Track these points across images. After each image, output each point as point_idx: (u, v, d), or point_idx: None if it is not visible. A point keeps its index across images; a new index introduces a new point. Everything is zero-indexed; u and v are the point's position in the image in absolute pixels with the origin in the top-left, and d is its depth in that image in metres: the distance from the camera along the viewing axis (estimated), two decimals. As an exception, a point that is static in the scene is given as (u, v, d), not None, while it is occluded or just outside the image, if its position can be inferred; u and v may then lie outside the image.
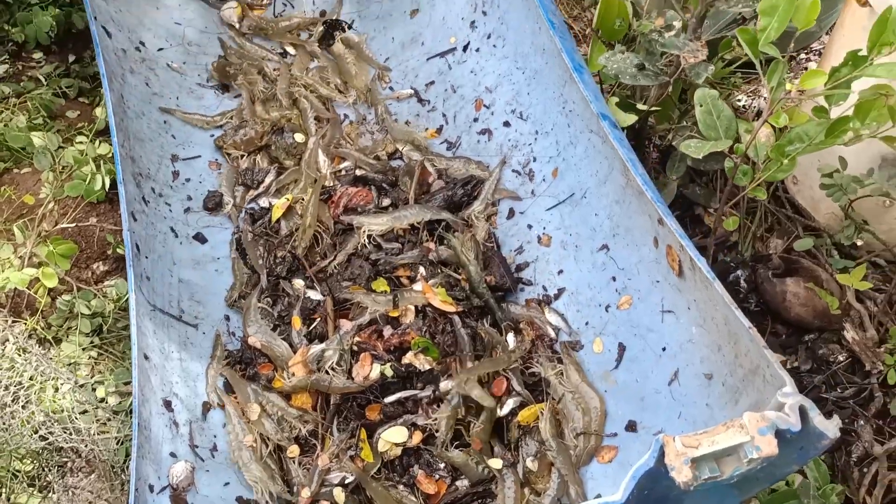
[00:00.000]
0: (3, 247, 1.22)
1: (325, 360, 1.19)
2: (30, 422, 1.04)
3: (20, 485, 1.04)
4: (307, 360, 1.19)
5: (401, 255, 1.30)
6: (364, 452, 1.15)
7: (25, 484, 1.05)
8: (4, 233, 1.27)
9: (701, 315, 1.00)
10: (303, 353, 1.19)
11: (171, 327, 1.17)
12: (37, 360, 1.06)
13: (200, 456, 1.08)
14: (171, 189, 1.35)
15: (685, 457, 0.76)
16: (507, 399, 1.17)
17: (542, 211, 1.31)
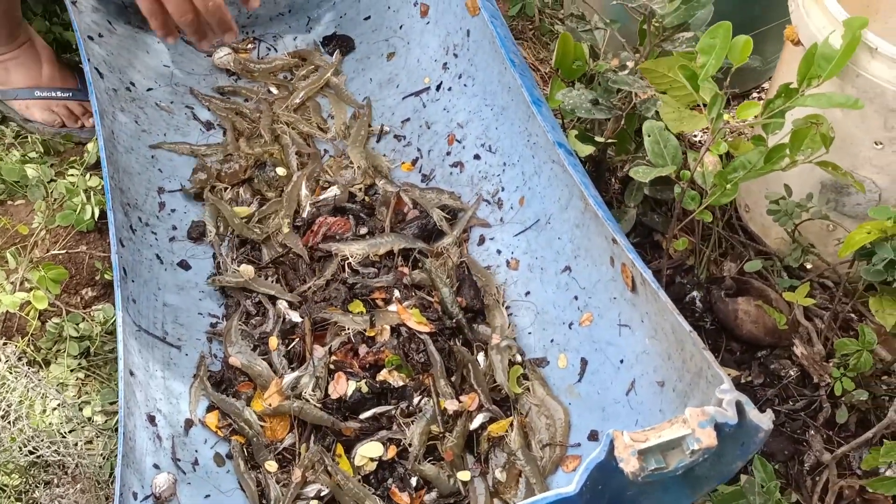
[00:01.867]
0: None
1: (300, 386, 1.24)
2: (18, 437, 1.09)
3: (7, 499, 1.08)
4: (282, 389, 1.24)
5: (376, 278, 1.37)
6: (341, 466, 1.20)
7: (13, 499, 1.09)
8: (-2, 261, 1.33)
9: (652, 327, 1.07)
10: (277, 384, 1.25)
11: (155, 347, 1.23)
12: (27, 378, 1.11)
13: (182, 469, 1.13)
14: (157, 219, 1.42)
15: (632, 449, 0.82)
16: (477, 414, 1.23)
17: (511, 237, 1.39)
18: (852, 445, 1.14)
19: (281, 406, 1.22)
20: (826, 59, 1.08)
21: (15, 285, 1.27)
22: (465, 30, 1.52)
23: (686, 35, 1.22)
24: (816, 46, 1.06)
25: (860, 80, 1.13)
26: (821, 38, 1.13)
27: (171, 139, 1.58)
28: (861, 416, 1.25)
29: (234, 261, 1.41)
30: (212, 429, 1.21)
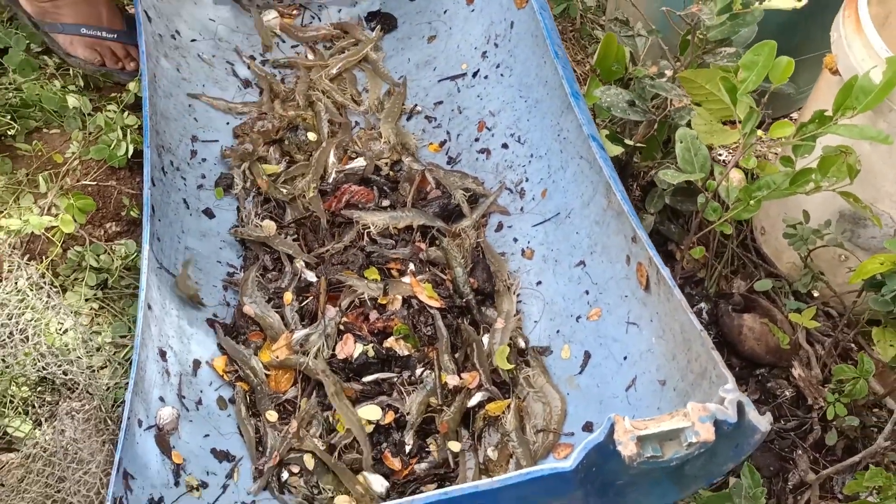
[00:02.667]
0: (26, 196, 1.31)
1: (309, 343, 1.27)
2: (32, 353, 1.11)
3: (15, 411, 1.11)
4: (291, 344, 1.27)
5: (393, 250, 1.40)
6: (339, 426, 1.23)
7: (20, 410, 1.11)
8: (28, 184, 1.35)
9: (661, 326, 1.10)
10: (287, 338, 1.27)
11: (173, 286, 1.25)
12: (47, 297, 1.13)
13: (186, 406, 1.16)
14: (187, 165, 1.44)
15: (632, 434, 0.85)
16: (476, 392, 1.26)
17: (529, 227, 1.41)
18: (838, 468, 1.17)
19: (288, 360, 1.24)
20: (864, 91, 1.10)
21: (43, 209, 1.30)
22: (509, 21, 1.54)
23: (728, 50, 1.24)
24: (856, 78, 1.09)
25: (892, 116, 1.16)
26: (860, 70, 1.16)
27: (210, 92, 1.60)
28: (849, 442, 1.27)
29: (257, 216, 1.44)
30: (218, 372, 1.24)
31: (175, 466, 1.08)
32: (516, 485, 0.85)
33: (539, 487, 0.87)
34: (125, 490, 0.95)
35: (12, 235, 1.26)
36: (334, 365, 1.25)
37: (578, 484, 0.90)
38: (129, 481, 0.97)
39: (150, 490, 1.01)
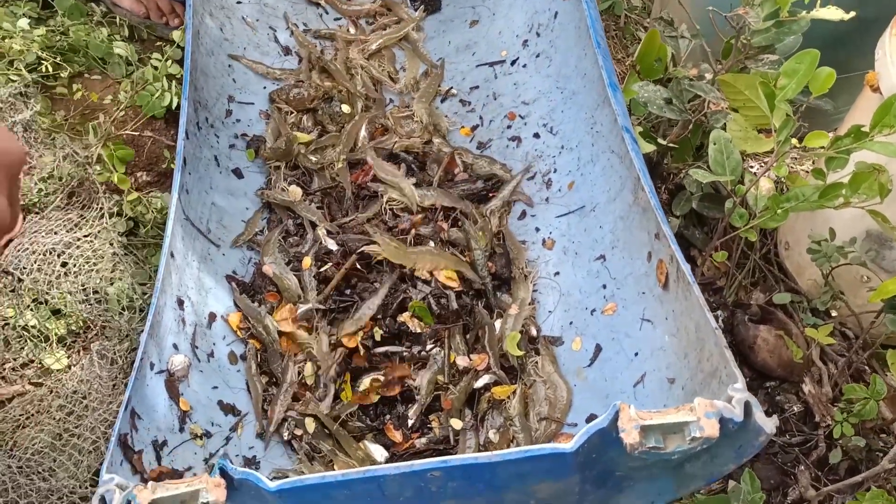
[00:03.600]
0: (62, 138, 1.33)
1: (312, 320, 1.28)
2: (76, 291, 1.14)
3: (31, 339, 1.14)
4: (296, 317, 1.28)
5: (415, 227, 1.41)
6: (344, 394, 1.24)
7: (56, 344, 1.14)
8: (68, 128, 1.37)
9: (675, 325, 1.09)
10: (291, 311, 1.28)
11: (196, 240, 1.27)
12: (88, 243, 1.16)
13: (198, 357, 1.17)
14: (222, 124, 1.46)
15: (636, 423, 0.85)
16: (483, 374, 1.27)
17: (553, 217, 1.41)
18: (840, 486, 1.16)
19: (294, 334, 1.26)
20: (903, 110, 1.09)
21: (90, 158, 1.32)
22: (553, 11, 1.54)
23: (771, 57, 1.24)
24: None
25: (930, 138, 1.15)
26: (902, 88, 1.15)
27: (250, 55, 1.62)
28: (852, 463, 1.26)
29: (284, 179, 1.45)
30: (232, 327, 1.25)
31: (181, 413, 1.10)
32: (515, 461, 0.86)
33: (537, 467, 0.87)
34: (131, 428, 0.97)
35: (49, 176, 1.29)
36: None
37: (577, 468, 0.90)
38: (135, 420, 0.98)
39: (155, 432, 1.03)
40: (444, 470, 0.86)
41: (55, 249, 1.24)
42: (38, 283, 1.26)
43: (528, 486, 0.92)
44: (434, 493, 0.89)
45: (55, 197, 1.33)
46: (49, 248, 1.29)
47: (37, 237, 1.31)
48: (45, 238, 1.30)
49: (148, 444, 1.00)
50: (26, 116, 1.29)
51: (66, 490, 1.06)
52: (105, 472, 0.86)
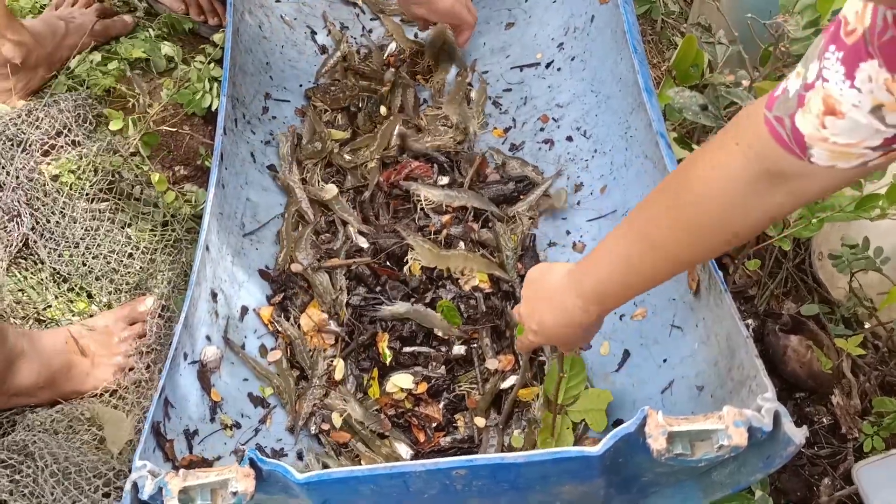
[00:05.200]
0: (103, 130, 1.37)
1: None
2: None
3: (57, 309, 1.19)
4: (324, 328, 1.29)
5: (445, 228, 1.42)
6: (371, 390, 1.25)
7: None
8: (103, 119, 1.41)
9: (706, 332, 1.09)
10: (322, 323, 1.29)
11: (231, 234, 1.29)
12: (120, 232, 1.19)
13: (230, 348, 1.19)
14: (258, 120, 1.48)
15: (664, 429, 0.85)
16: (510, 375, 1.27)
17: (584, 221, 1.41)
18: (850, 491, 1.14)
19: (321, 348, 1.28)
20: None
21: (126, 148, 1.36)
22: (589, 15, 1.54)
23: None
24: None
25: (972, 150, 1.13)
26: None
27: (287, 54, 1.64)
28: (883, 478, 1.25)
29: (318, 176, 1.47)
30: (264, 321, 1.27)
31: (212, 403, 1.12)
32: (541, 462, 0.86)
33: (563, 469, 0.88)
34: (164, 416, 0.99)
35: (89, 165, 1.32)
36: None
37: (603, 472, 0.90)
38: (168, 409, 1.00)
39: (186, 421, 1.05)
40: (469, 468, 0.87)
41: (87, 239, 1.27)
42: (71, 275, 1.30)
43: (553, 488, 0.93)
44: (459, 491, 0.90)
45: (93, 188, 1.36)
46: (81, 238, 1.32)
47: (73, 227, 1.34)
48: (80, 229, 1.33)
49: (180, 433, 1.02)
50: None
51: (107, 468, 1.09)
52: (138, 459, 0.88)
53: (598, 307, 0.95)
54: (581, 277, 0.94)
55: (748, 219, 0.80)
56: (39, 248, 1.32)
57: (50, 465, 1.06)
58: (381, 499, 0.91)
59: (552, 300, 0.97)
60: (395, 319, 1.28)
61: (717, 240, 0.84)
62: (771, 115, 0.73)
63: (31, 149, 1.34)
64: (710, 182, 0.80)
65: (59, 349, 1.19)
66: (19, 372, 1.14)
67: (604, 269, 0.92)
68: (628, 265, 0.89)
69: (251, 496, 0.85)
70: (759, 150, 0.75)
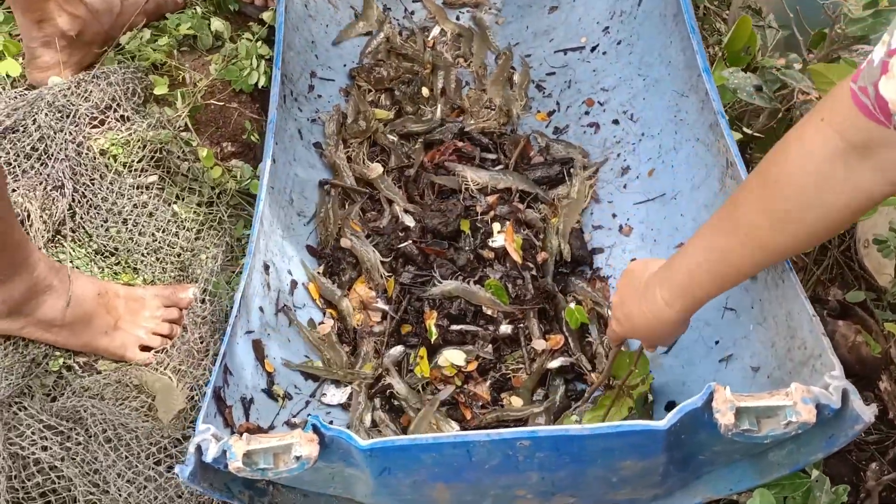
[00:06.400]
0: (152, 106, 1.37)
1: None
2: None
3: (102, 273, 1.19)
4: (370, 305, 1.30)
5: (492, 209, 1.41)
6: (419, 368, 1.25)
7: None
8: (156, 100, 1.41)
9: (762, 314, 1.08)
10: (368, 294, 1.30)
11: (280, 208, 1.29)
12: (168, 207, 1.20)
13: (281, 322, 1.20)
14: (305, 98, 1.49)
15: (731, 404, 0.85)
16: (558, 356, 1.27)
17: (630, 204, 1.41)
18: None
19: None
20: None
21: (174, 123, 1.36)
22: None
23: (866, 48, 1.22)
24: None
25: None
26: None
27: (332, 33, 1.64)
28: (932, 465, 1.24)
29: (364, 155, 1.47)
30: (313, 296, 1.28)
31: (267, 374, 1.12)
32: (605, 435, 0.86)
33: (627, 443, 0.87)
34: (224, 383, 0.99)
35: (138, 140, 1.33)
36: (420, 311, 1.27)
37: (665, 448, 0.90)
38: (227, 376, 1.01)
39: (243, 389, 1.05)
40: (533, 440, 0.87)
41: (134, 215, 1.28)
42: (118, 250, 1.31)
43: (614, 463, 0.92)
44: (520, 462, 0.90)
45: (141, 163, 1.36)
46: (129, 213, 1.33)
47: (121, 202, 1.34)
48: (128, 204, 1.34)
49: (237, 400, 1.03)
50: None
51: (160, 436, 1.09)
52: (201, 422, 0.88)
53: (684, 301, 0.93)
54: (670, 270, 0.94)
55: (840, 200, 0.78)
56: (86, 223, 1.32)
57: (105, 430, 1.07)
58: (441, 468, 0.91)
59: (640, 292, 0.97)
60: (444, 298, 1.28)
61: (811, 225, 0.81)
62: (856, 87, 0.73)
63: (79, 121, 1.34)
64: (798, 162, 0.79)
65: (88, 296, 1.19)
66: (44, 304, 1.15)
67: (694, 261, 0.91)
68: (721, 256, 0.88)
69: (314, 461, 0.85)
70: (844, 123, 0.74)
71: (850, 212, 0.80)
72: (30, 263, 1.12)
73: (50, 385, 1.21)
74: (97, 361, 1.24)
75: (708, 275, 0.90)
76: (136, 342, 1.23)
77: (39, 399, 1.17)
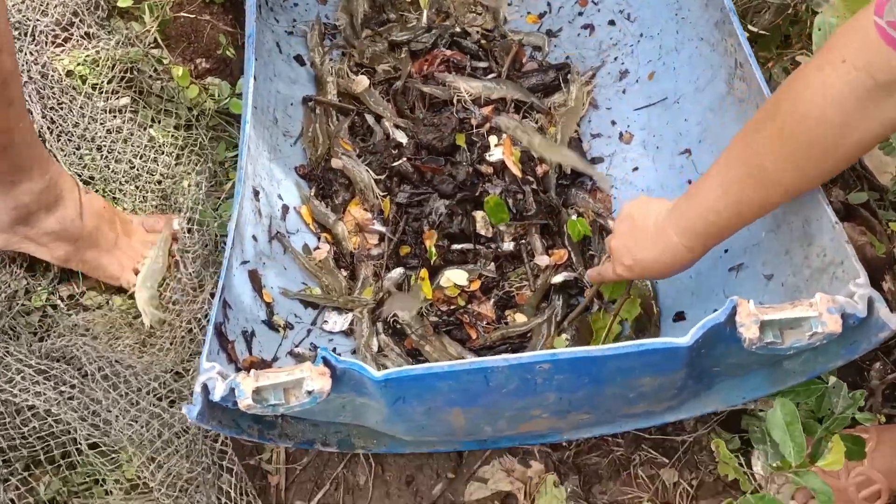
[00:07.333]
0: (117, 21, 1.26)
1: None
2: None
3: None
4: (366, 227, 1.24)
5: (487, 121, 1.35)
6: (421, 290, 1.22)
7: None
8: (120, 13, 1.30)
9: (775, 221, 1.05)
10: (363, 216, 1.24)
11: (265, 129, 1.22)
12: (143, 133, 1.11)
13: (274, 249, 1.14)
14: (280, 7, 1.38)
15: (756, 318, 0.82)
16: (562, 271, 1.24)
17: (630, 110, 1.35)
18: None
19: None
20: None
21: (142, 40, 1.25)
22: None
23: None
24: None
25: None
26: None
27: (303, -68, 1.52)
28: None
29: (347, 68, 1.38)
30: (306, 220, 1.22)
31: (266, 305, 1.08)
32: (627, 355, 0.84)
33: (649, 361, 0.85)
34: (224, 318, 0.95)
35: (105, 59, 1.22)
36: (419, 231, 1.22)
37: (686, 364, 0.88)
38: (227, 310, 0.96)
39: (243, 323, 1.01)
40: (553, 363, 0.84)
41: (109, 141, 1.19)
42: (94, 179, 1.23)
43: (633, 380, 0.91)
44: (539, 384, 0.88)
45: (111, 84, 1.27)
46: (103, 139, 1.24)
47: (93, 128, 1.25)
48: (101, 129, 1.25)
49: (238, 335, 0.99)
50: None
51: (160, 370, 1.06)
52: (206, 360, 0.84)
53: (705, 243, 0.92)
54: (684, 213, 0.92)
55: (860, 137, 0.77)
56: (57, 151, 1.24)
57: (101, 368, 1.02)
58: (457, 395, 0.89)
59: (652, 238, 0.95)
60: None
61: (829, 163, 0.81)
62: (883, 21, 0.69)
63: (39, 39, 1.23)
64: (818, 104, 0.76)
65: (95, 210, 1.12)
66: (54, 214, 1.06)
67: (708, 202, 0.89)
68: (738, 196, 0.86)
69: (327, 395, 0.82)
70: (869, 60, 0.71)
71: (874, 142, 0.79)
72: (42, 165, 1.02)
73: (35, 324, 1.15)
74: (83, 296, 1.19)
75: (726, 217, 0.89)
76: (131, 264, 1.17)
77: (26, 340, 1.12)
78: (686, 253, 0.94)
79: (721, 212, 0.89)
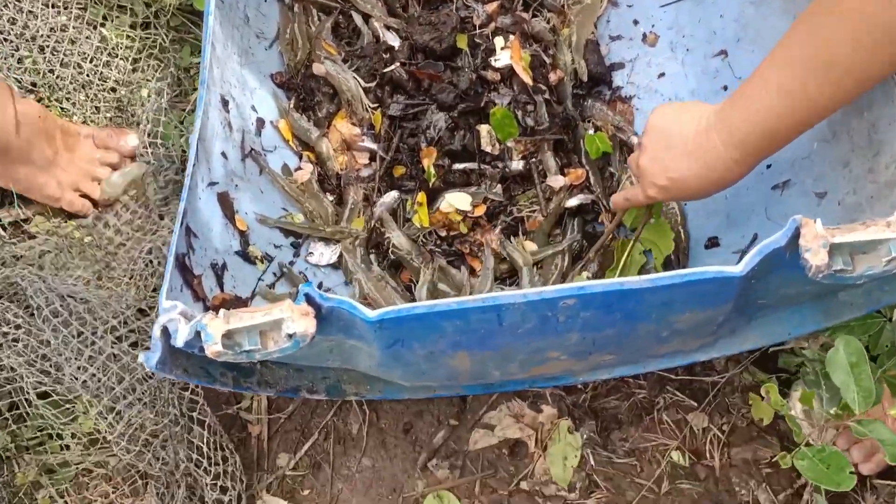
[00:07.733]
0: None
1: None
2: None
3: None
4: (354, 145, 1.09)
5: (493, 20, 1.17)
6: (417, 217, 1.07)
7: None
8: None
9: (830, 128, 0.90)
10: (352, 138, 1.08)
11: (234, 28, 1.04)
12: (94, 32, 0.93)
13: (248, 170, 0.99)
14: None
15: (824, 240, 0.69)
16: (577, 193, 1.09)
17: (655, 7, 1.18)
18: None
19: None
20: None
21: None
22: None
23: None
24: None
25: None
26: None
27: None
28: None
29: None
30: (284, 136, 1.06)
31: (239, 233, 0.93)
32: (670, 287, 0.70)
33: (695, 292, 0.72)
34: (188, 248, 0.80)
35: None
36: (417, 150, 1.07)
37: (736, 296, 0.75)
38: (191, 239, 0.82)
39: (213, 254, 0.86)
40: (581, 297, 0.70)
41: (52, 41, 1.02)
42: (37, 86, 1.06)
43: (672, 316, 0.77)
44: (561, 323, 0.75)
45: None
46: (45, 39, 1.06)
47: (34, 24, 1.07)
48: (43, 27, 1.07)
49: (207, 268, 0.84)
50: None
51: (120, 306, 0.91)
52: (165, 299, 0.70)
53: (756, 155, 0.79)
54: (732, 121, 0.77)
55: None
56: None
57: (50, 302, 0.87)
58: (463, 336, 0.76)
59: (693, 152, 0.80)
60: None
61: None
62: None
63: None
64: None
65: (29, 119, 0.96)
66: None
67: (762, 108, 0.75)
68: (802, 96, 0.72)
69: (311, 338, 0.68)
70: None
71: None
72: None
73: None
74: (27, 222, 1.04)
75: (785, 123, 0.75)
76: (74, 184, 1.01)
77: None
78: (734, 167, 0.80)
79: (776, 112, 0.75)
